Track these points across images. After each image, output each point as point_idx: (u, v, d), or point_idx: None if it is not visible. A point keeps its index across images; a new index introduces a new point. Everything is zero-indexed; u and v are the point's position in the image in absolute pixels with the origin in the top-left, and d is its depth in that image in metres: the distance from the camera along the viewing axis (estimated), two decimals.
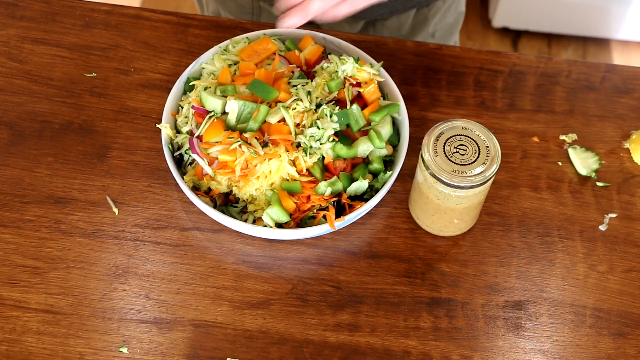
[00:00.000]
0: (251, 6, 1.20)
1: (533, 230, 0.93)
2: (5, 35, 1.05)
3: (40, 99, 1.00)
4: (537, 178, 0.97)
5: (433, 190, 0.84)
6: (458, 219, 0.88)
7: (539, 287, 0.89)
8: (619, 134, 1.01)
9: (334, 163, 0.88)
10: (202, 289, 0.87)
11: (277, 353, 0.84)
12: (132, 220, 0.91)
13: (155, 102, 1.00)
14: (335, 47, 0.99)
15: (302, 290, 0.88)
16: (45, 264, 0.88)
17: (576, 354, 0.85)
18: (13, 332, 0.84)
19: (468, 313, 0.87)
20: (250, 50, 0.96)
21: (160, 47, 1.05)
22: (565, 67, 1.07)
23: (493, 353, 0.85)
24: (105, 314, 0.85)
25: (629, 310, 0.88)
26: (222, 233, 0.91)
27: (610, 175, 0.98)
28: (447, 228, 0.90)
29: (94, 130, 0.98)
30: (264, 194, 0.87)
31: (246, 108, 0.88)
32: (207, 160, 0.88)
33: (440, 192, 0.84)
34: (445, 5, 1.23)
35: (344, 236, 0.92)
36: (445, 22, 1.27)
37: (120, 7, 1.09)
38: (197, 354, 0.83)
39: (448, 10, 1.25)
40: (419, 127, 0.99)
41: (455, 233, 0.92)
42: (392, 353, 0.84)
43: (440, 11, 1.23)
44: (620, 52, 2.35)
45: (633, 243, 0.93)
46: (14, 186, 0.93)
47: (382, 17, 1.18)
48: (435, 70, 1.05)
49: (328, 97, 0.91)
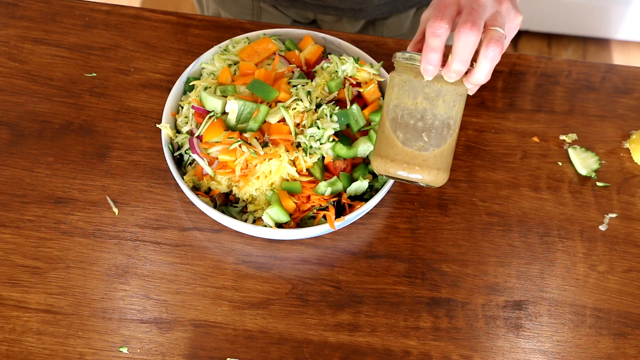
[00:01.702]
0: (251, 7, 1.20)
1: (533, 230, 0.93)
2: (5, 35, 1.05)
3: (40, 99, 1.00)
4: (537, 178, 0.97)
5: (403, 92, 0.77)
6: (427, 135, 0.77)
7: (539, 287, 0.89)
8: (619, 134, 1.01)
9: (334, 163, 0.89)
10: (202, 289, 0.87)
11: (277, 353, 0.84)
12: (132, 220, 0.91)
13: (155, 102, 1.00)
14: (335, 47, 0.99)
15: (302, 290, 0.88)
16: (45, 264, 0.88)
17: (576, 354, 0.85)
18: (13, 332, 0.84)
19: (468, 313, 0.87)
20: (250, 50, 0.96)
21: (160, 47, 1.05)
22: (565, 67, 1.07)
23: (493, 353, 0.85)
24: (105, 314, 0.85)
25: (629, 310, 0.88)
26: (222, 233, 0.91)
27: (610, 175, 0.98)
28: (416, 159, 0.77)
29: (94, 130, 0.98)
30: (264, 194, 0.87)
31: (246, 108, 0.88)
32: (207, 160, 0.88)
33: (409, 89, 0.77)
34: None
35: (344, 236, 0.92)
36: None
37: (120, 7, 1.09)
38: (197, 354, 0.83)
39: None
40: None
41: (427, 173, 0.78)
42: (392, 353, 0.84)
43: None
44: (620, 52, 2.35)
45: (633, 243, 0.93)
46: (14, 186, 0.93)
47: (382, 16, 1.18)
48: None
49: (328, 97, 0.92)
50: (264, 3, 1.19)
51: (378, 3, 1.14)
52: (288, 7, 1.17)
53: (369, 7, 1.15)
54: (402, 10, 1.18)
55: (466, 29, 0.73)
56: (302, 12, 1.18)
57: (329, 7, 1.15)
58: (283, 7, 1.18)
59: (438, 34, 0.73)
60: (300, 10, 1.18)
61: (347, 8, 1.15)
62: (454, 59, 0.74)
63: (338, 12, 1.16)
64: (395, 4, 1.16)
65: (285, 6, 1.17)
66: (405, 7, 1.17)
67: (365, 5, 1.14)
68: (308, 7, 1.16)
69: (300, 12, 1.18)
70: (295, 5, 1.16)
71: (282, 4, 1.17)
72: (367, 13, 1.16)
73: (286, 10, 1.18)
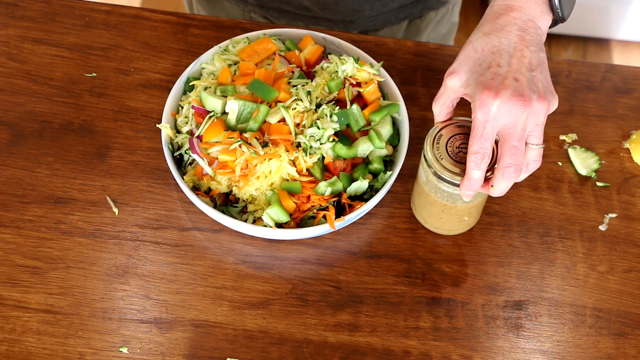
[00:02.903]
0: (242, 17, 1.20)
1: (533, 230, 0.93)
2: (5, 35, 1.05)
3: (40, 99, 1.00)
4: (537, 178, 0.97)
5: (439, 191, 0.84)
6: (468, 216, 0.88)
7: (539, 287, 0.89)
8: (619, 134, 1.01)
9: (334, 163, 0.88)
10: (202, 289, 0.87)
11: (277, 353, 0.84)
12: (132, 220, 0.91)
13: (155, 102, 1.00)
14: (335, 47, 0.99)
15: (302, 290, 0.88)
16: (45, 264, 0.88)
17: (576, 354, 0.85)
18: (13, 332, 0.84)
19: (468, 313, 0.87)
20: (250, 50, 0.96)
21: (160, 47, 1.05)
22: (565, 67, 1.07)
23: (493, 353, 0.85)
24: (105, 314, 0.85)
25: (629, 310, 0.88)
26: (222, 233, 0.91)
27: (610, 175, 0.98)
28: (457, 226, 0.90)
29: (94, 130, 0.98)
30: (264, 194, 0.87)
31: (246, 108, 0.88)
32: (207, 160, 0.88)
33: (446, 193, 0.84)
34: (438, 16, 1.22)
35: (344, 236, 0.92)
36: (438, 32, 1.26)
37: (120, 7, 1.09)
38: (197, 354, 0.83)
39: (441, 22, 1.24)
40: (419, 127, 0.99)
41: (465, 229, 0.92)
42: (392, 353, 0.84)
43: (432, 22, 1.22)
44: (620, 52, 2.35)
45: (633, 243, 0.93)
46: (14, 186, 0.93)
47: (374, 27, 1.17)
48: (435, 70, 1.05)
49: (328, 97, 0.92)
50: (255, 14, 1.19)
51: (369, 15, 1.14)
52: (279, 18, 1.17)
53: (361, 19, 1.14)
54: (394, 22, 1.17)
55: (509, 174, 0.77)
56: (293, 22, 1.18)
57: (320, 19, 1.15)
58: (274, 17, 1.18)
59: (481, 168, 0.77)
60: (291, 21, 1.17)
61: (338, 19, 1.14)
62: (494, 190, 0.79)
63: (329, 23, 1.15)
64: (387, 16, 1.16)
65: (276, 17, 1.17)
66: (397, 19, 1.17)
67: (357, 17, 1.14)
68: (299, 18, 1.16)
69: (292, 22, 1.18)
70: (286, 16, 1.16)
71: (273, 14, 1.17)
72: (358, 25, 1.16)
73: (277, 20, 1.18)
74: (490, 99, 0.74)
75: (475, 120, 0.76)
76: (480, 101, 0.75)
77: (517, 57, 0.76)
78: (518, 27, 0.78)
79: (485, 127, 0.75)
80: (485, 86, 0.75)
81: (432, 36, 1.25)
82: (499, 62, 0.76)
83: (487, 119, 0.75)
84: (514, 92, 0.74)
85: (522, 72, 0.76)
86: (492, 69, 0.76)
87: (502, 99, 0.74)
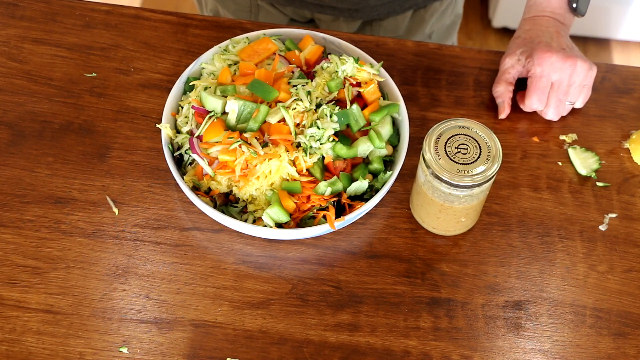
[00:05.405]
0: (249, 4, 1.20)
1: (533, 230, 0.93)
2: (5, 35, 1.05)
3: (40, 99, 1.00)
4: (537, 178, 0.97)
5: (437, 191, 0.84)
6: (465, 217, 0.88)
7: (539, 287, 0.89)
8: (619, 134, 1.01)
9: (334, 163, 0.88)
10: (202, 289, 0.87)
11: (277, 353, 0.84)
12: (132, 220, 0.91)
13: (155, 102, 1.00)
14: (335, 47, 0.99)
15: (302, 290, 0.88)
16: (45, 264, 0.88)
17: (576, 354, 0.85)
18: (13, 332, 0.84)
19: (468, 313, 0.87)
20: (250, 50, 0.96)
21: (160, 47, 1.05)
22: None
23: (493, 353, 0.85)
24: (105, 314, 0.85)
25: (629, 310, 0.88)
26: (222, 233, 0.91)
27: (610, 175, 0.98)
28: (454, 227, 0.90)
29: (94, 130, 0.98)
30: (264, 194, 0.87)
31: (246, 108, 0.88)
32: (207, 160, 0.88)
33: (444, 193, 0.84)
34: (442, 6, 1.23)
35: (344, 236, 0.92)
36: (442, 23, 1.27)
37: (120, 7, 1.09)
38: (197, 354, 0.83)
39: (445, 12, 1.25)
40: (419, 127, 0.99)
41: (462, 231, 0.92)
42: (392, 353, 0.84)
43: (437, 13, 1.23)
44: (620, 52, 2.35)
45: (633, 243, 0.93)
46: (14, 186, 0.93)
47: (379, 17, 1.18)
48: (435, 70, 1.05)
49: (328, 97, 0.91)
50: (262, 1, 1.19)
51: (375, 4, 1.14)
52: (285, 5, 1.18)
53: (366, 8, 1.15)
54: (399, 12, 1.18)
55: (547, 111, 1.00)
56: (299, 10, 1.18)
57: (326, 7, 1.15)
58: (280, 5, 1.18)
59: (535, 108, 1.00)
60: (297, 9, 1.18)
61: (344, 8, 1.15)
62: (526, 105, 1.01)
63: (335, 11, 1.16)
64: (392, 6, 1.16)
65: (282, 4, 1.18)
66: (402, 9, 1.17)
67: (362, 6, 1.14)
68: (305, 6, 1.16)
69: (298, 10, 1.18)
70: (292, 3, 1.16)
71: (280, 2, 1.17)
72: (363, 13, 1.16)
73: (283, 8, 1.19)
74: (547, 55, 0.96)
75: (534, 75, 0.97)
76: (539, 58, 0.96)
77: (557, 39, 0.99)
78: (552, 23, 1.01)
79: (541, 81, 0.96)
80: (542, 49, 0.97)
81: (436, 27, 1.26)
82: (546, 39, 0.98)
83: (543, 74, 0.96)
84: (564, 54, 0.96)
85: (565, 45, 0.98)
86: (541, 43, 0.98)
87: (557, 57, 0.96)
